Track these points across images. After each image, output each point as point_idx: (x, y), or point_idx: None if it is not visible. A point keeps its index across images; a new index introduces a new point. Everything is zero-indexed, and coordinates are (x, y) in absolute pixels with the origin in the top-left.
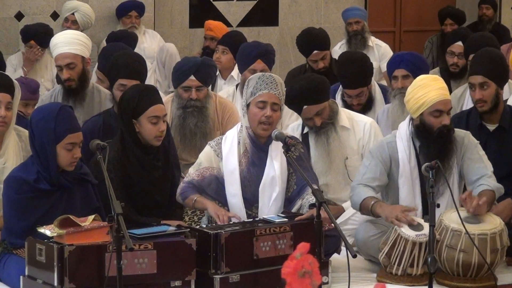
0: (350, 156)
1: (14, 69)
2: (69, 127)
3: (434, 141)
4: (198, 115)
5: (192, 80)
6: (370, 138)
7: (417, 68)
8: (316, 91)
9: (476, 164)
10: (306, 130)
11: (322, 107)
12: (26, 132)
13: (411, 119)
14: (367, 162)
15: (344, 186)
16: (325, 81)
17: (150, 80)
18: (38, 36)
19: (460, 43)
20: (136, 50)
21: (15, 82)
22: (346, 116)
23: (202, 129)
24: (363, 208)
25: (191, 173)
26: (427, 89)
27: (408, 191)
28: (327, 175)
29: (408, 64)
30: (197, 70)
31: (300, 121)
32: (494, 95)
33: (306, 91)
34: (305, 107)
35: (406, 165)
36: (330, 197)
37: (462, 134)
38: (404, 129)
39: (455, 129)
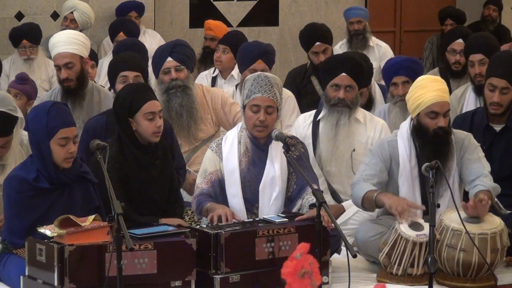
0: (358, 149)
1: (7, 76)
2: (60, 122)
3: (429, 142)
4: (182, 94)
5: (169, 61)
6: (380, 138)
7: (416, 74)
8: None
9: (474, 164)
10: (318, 117)
11: (354, 85)
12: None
13: (412, 118)
14: (367, 159)
15: (346, 178)
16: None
17: (150, 80)
18: (28, 35)
19: (461, 40)
20: None
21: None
22: (361, 112)
23: (187, 108)
24: (366, 200)
25: (199, 184)
26: (425, 90)
27: (408, 190)
28: (331, 163)
29: (408, 70)
30: (172, 51)
31: (313, 111)
32: (510, 100)
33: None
34: (343, 74)
35: (406, 164)
36: (334, 187)
37: (463, 136)
38: (405, 128)
39: (456, 130)
